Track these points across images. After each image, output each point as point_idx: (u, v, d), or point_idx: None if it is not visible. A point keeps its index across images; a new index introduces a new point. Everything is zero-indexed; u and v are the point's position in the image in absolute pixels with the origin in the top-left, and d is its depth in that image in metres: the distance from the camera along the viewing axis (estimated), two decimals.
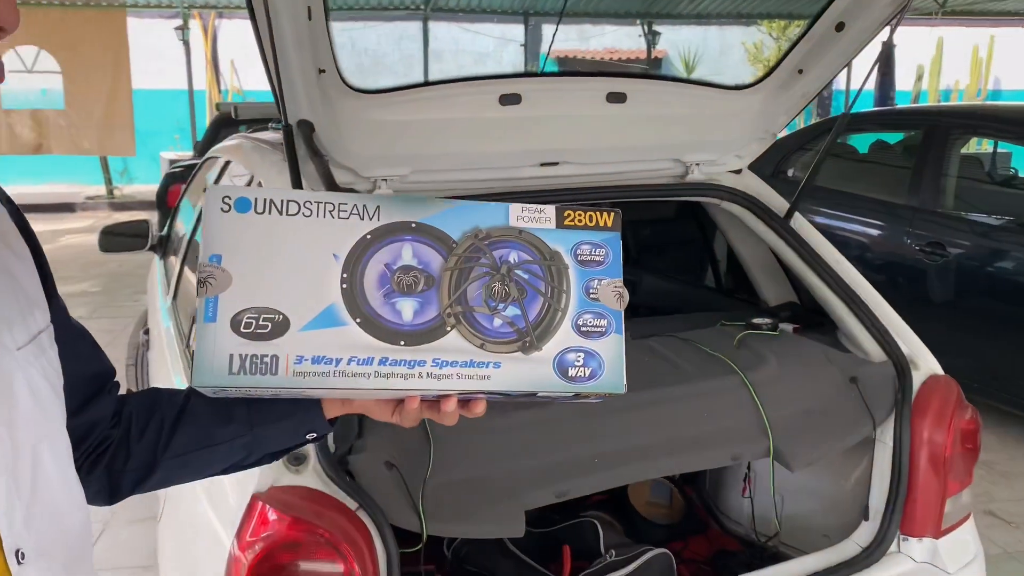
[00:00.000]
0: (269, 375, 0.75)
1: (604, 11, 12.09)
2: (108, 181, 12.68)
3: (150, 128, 12.68)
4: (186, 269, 2.66)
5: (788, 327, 2.16)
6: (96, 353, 0.91)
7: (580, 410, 1.72)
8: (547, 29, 14.91)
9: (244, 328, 0.75)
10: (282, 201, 0.77)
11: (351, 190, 1.80)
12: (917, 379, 1.91)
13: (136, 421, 0.91)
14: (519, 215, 0.80)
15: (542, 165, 2.00)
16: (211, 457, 0.91)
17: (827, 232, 2.35)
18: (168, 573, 1.93)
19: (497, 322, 0.78)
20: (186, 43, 11.44)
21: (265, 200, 0.77)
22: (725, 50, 15.21)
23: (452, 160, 1.90)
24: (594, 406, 1.74)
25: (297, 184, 1.62)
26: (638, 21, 12.89)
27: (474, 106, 1.83)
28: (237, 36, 14.20)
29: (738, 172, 2.23)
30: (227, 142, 2.75)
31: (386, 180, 1.84)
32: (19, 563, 0.69)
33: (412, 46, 13.66)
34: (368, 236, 0.77)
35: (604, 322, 0.80)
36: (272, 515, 1.38)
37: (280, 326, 0.76)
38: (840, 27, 1.91)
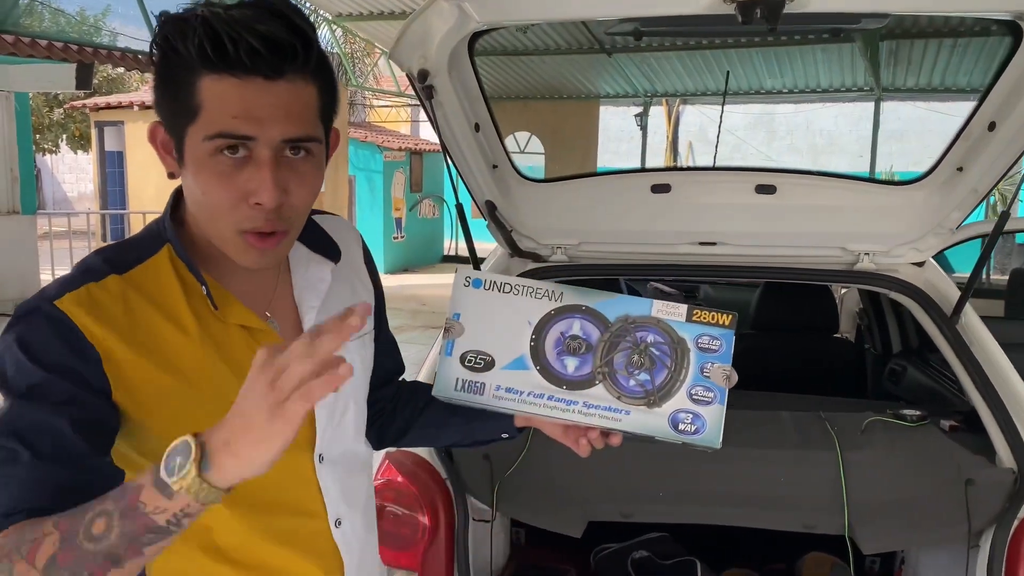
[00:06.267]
0: (477, 395, 1.07)
1: None
2: None
3: None
4: None
5: (946, 423, 2.11)
6: (395, 357, 1.35)
7: (650, 451, 2.02)
8: None
9: (467, 362, 1.07)
10: (501, 283, 1.08)
11: (534, 254, 2.35)
12: None
13: (402, 400, 1.33)
14: (659, 308, 1.05)
15: (700, 244, 2.31)
16: (439, 434, 1.33)
17: None
18: None
19: (632, 383, 1.03)
20: (643, 128, 12.84)
21: (490, 281, 1.08)
22: None
23: (615, 235, 2.33)
24: (667, 451, 2.03)
25: (469, 244, 2.23)
26: None
27: (628, 193, 2.26)
28: (698, 119, 15.37)
29: (920, 264, 2.25)
30: None
31: (560, 247, 2.35)
32: (319, 463, 1.11)
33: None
34: (552, 312, 1.06)
35: (712, 394, 1.02)
36: (392, 467, 2.00)
37: (489, 364, 1.07)
38: (992, 127, 1.91)
